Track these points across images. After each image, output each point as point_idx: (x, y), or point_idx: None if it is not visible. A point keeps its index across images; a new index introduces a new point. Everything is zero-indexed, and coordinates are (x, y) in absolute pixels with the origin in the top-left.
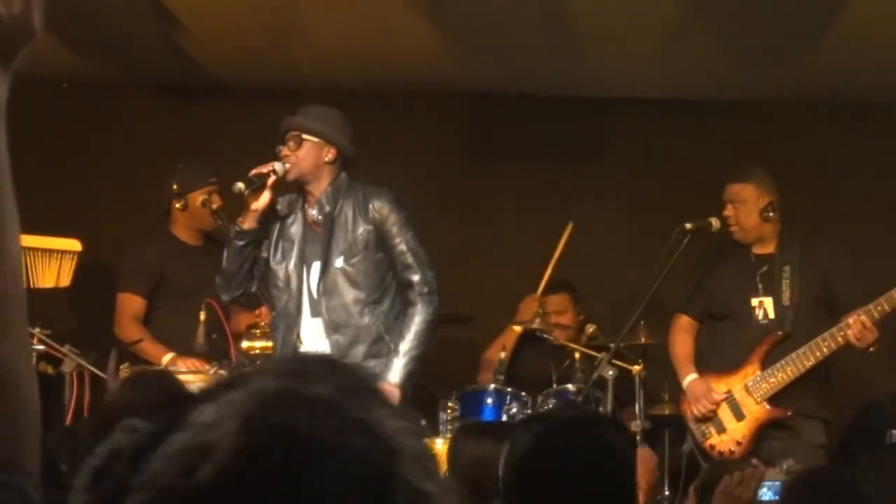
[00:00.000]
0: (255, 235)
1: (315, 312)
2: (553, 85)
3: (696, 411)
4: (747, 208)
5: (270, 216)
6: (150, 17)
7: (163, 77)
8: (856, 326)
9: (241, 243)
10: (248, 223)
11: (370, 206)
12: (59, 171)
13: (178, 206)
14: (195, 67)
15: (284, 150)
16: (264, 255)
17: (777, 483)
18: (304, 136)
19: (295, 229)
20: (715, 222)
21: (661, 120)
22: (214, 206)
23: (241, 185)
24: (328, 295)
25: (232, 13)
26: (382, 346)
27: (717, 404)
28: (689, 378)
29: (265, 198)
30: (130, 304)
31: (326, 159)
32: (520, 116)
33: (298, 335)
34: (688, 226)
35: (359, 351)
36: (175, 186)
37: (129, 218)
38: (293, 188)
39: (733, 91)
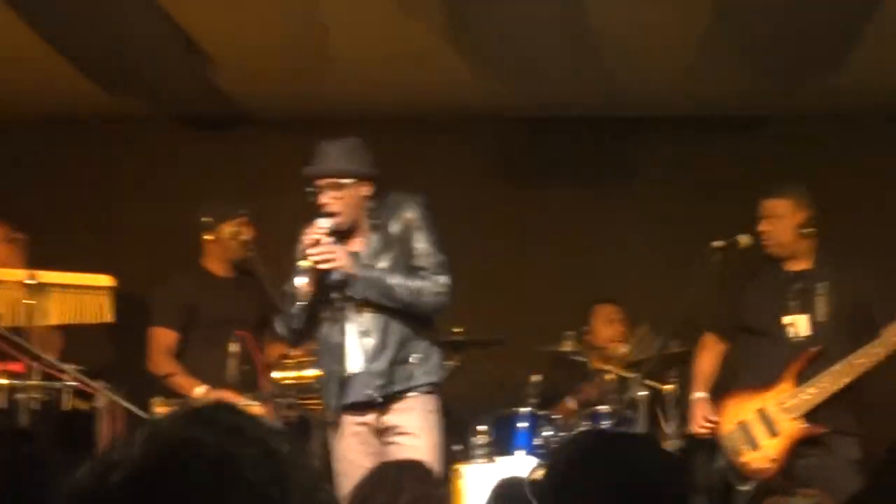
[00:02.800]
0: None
1: (351, 319)
2: (581, 106)
3: (693, 429)
4: (784, 224)
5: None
6: (179, 52)
7: (193, 110)
8: None
9: (306, 303)
10: (311, 288)
11: (400, 209)
12: (92, 207)
13: (208, 237)
14: (225, 100)
15: (324, 200)
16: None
17: None
18: (341, 181)
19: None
20: (743, 239)
21: (691, 137)
22: (243, 237)
23: (304, 263)
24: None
25: (261, 45)
26: (405, 353)
27: (708, 427)
28: (696, 396)
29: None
30: (162, 337)
31: (365, 196)
32: (549, 139)
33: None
34: (717, 244)
35: (385, 356)
36: (205, 218)
37: (162, 252)
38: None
39: (763, 106)
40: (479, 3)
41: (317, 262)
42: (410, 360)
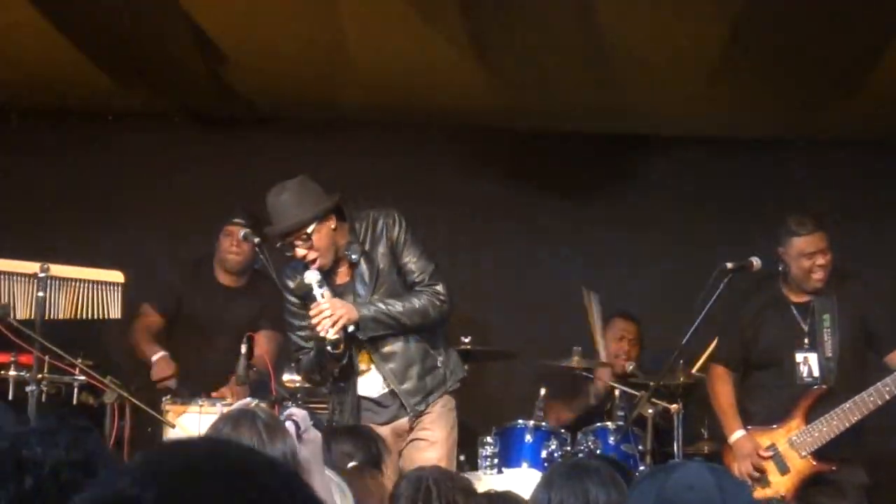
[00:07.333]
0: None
1: (371, 350)
2: (594, 122)
3: (742, 469)
4: (830, 256)
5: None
6: (195, 50)
7: (208, 109)
8: None
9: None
10: (341, 345)
11: (382, 230)
12: (104, 202)
13: (227, 240)
14: (240, 99)
15: (299, 252)
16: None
17: None
18: (305, 230)
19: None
20: (756, 262)
21: (703, 157)
22: (255, 240)
23: (330, 337)
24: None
25: (277, 46)
26: (431, 361)
27: (762, 464)
28: (737, 435)
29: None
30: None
31: (333, 227)
32: (560, 153)
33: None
34: (729, 265)
35: (413, 372)
36: (234, 222)
37: (172, 249)
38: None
39: (774, 130)
40: (499, 16)
41: (329, 329)
42: (438, 363)
